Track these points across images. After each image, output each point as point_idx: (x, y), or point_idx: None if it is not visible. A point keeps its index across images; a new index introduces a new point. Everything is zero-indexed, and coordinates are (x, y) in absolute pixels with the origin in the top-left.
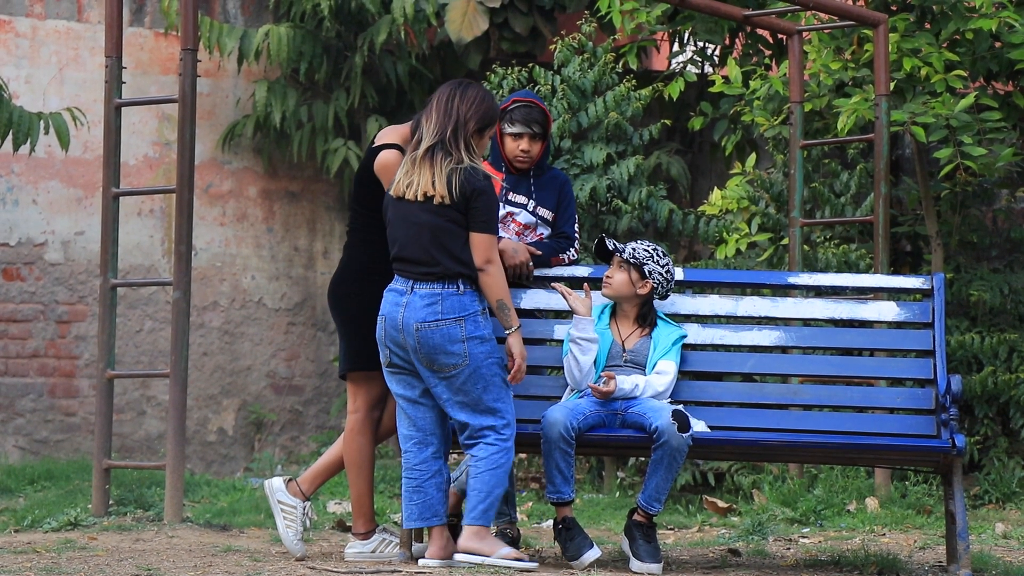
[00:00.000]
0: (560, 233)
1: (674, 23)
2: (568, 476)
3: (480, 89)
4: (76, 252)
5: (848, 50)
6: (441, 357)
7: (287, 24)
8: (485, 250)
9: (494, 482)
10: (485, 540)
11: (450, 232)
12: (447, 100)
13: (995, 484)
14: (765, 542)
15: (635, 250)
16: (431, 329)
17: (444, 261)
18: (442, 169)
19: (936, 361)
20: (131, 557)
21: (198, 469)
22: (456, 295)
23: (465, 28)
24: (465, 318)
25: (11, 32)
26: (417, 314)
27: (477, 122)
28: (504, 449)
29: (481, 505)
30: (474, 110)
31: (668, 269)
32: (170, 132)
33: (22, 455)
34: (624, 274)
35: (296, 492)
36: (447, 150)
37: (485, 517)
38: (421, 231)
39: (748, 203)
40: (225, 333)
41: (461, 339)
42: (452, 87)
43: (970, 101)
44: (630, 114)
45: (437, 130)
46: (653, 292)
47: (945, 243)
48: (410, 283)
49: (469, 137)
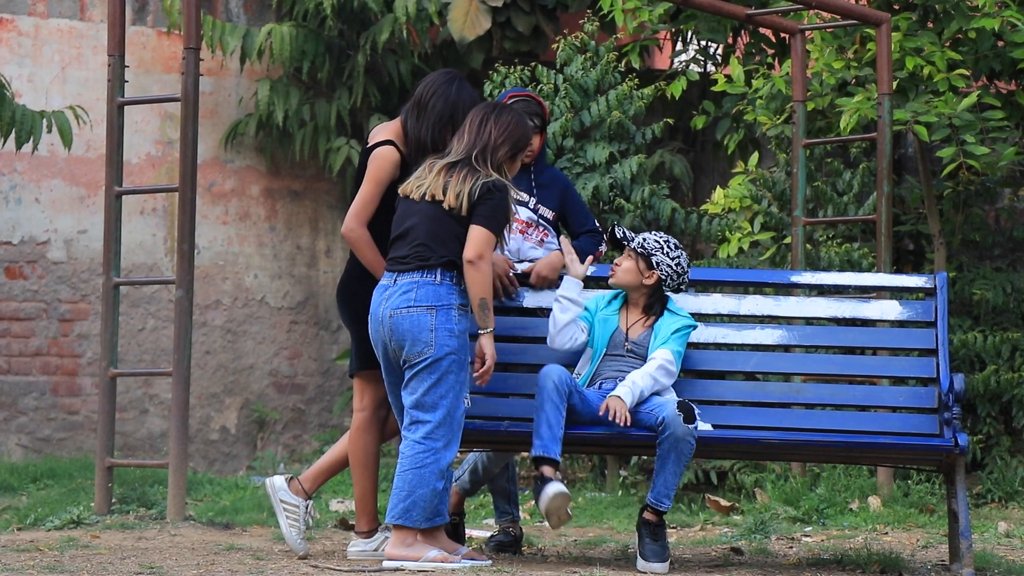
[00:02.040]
0: (589, 230)
1: (676, 22)
2: (556, 435)
3: (514, 114)
4: (79, 250)
5: (851, 49)
6: (408, 344)
7: (290, 23)
8: (479, 244)
9: (416, 482)
10: (411, 547)
11: (447, 226)
12: (480, 123)
13: (998, 483)
14: (768, 541)
15: (645, 240)
16: (402, 315)
17: (431, 245)
18: (463, 181)
19: (939, 360)
20: (134, 555)
21: (201, 467)
22: (432, 284)
23: (467, 27)
24: (437, 308)
25: (14, 31)
26: (393, 302)
27: (511, 147)
28: (431, 449)
29: (401, 504)
30: (507, 135)
31: (679, 262)
32: (173, 131)
33: (25, 453)
34: (631, 263)
35: (298, 491)
36: (473, 167)
37: (405, 516)
38: (421, 220)
39: (751, 202)
40: (227, 332)
41: (430, 328)
42: (487, 109)
43: (973, 100)
44: (632, 113)
45: (466, 150)
46: (661, 283)
47: (948, 242)
48: (394, 276)
49: (500, 161)
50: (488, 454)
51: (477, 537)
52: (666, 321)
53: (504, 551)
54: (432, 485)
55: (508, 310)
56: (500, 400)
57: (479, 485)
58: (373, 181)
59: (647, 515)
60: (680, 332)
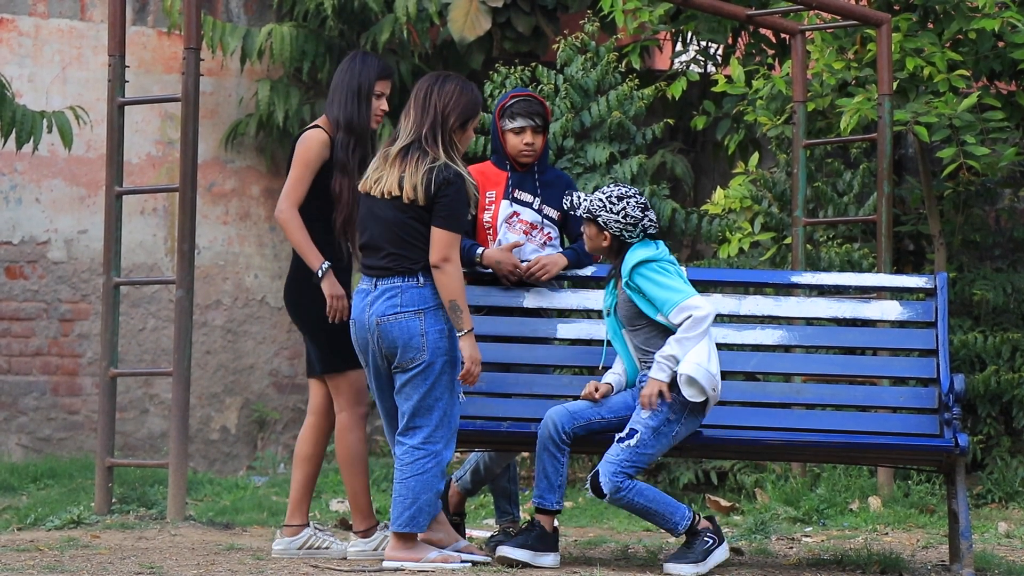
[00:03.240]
0: None
1: (677, 22)
2: (554, 483)
3: (458, 81)
4: (79, 250)
5: (851, 50)
6: (400, 350)
7: (290, 23)
8: (443, 247)
9: (420, 488)
10: (412, 549)
11: (412, 228)
12: (424, 96)
13: (998, 483)
14: (768, 541)
15: (591, 203)
16: (390, 322)
17: (405, 253)
18: (416, 168)
19: (939, 360)
20: (134, 555)
21: (201, 467)
22: (416, 288)
23: (468, 27)
24: (425, 311)
25: (14, 31)
26: (378, 308)
27: (459, 116)
28: (431, 453)
29: (407, 512)
30: (453, 103)
31: (625, 212)
32: (173, 131)
33: (25, 453)
34: (586, 230)
35: (292, 531)
36: (424, 149)
37: (413, 524)
38: (385, 225)
39: (751, 202)
40: (228, 332)
41: (420, 332)
42: (429, 82)
43: (973, 101)
44: (633, 113)
45: (414, 128)
46: (619, 241)
47: (948, 242)
48: (373, 280)
49: (450, 133)
50: (490, 454)
51: (477, 537)
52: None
53: None
54: (435, 488)
55: (509, 310)
56: (501, 400)
57: (480, 485)
58: (302, 162)
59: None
60: (645, 279)
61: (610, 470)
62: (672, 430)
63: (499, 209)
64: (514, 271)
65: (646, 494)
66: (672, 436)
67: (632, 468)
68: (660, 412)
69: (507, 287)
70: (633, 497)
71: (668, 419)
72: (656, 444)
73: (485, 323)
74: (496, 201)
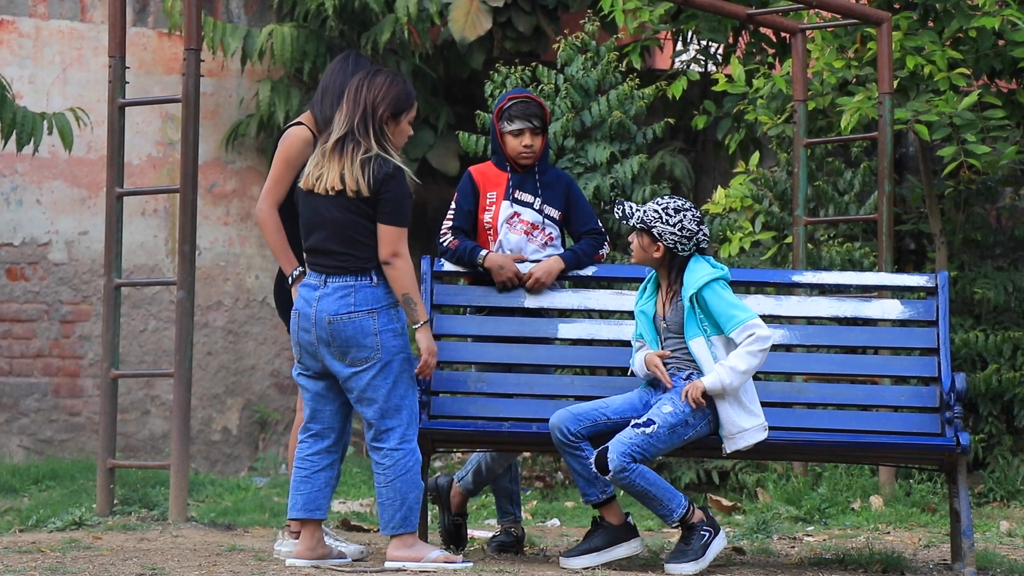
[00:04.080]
0: (590, 231)
1: (677, 22)
2: (589, 477)
3: (389, 74)
4: (80, 252)
5: (851, 48)
6: (354, 350)
7: (290, 24)
8: (391, 243)
9: (407, 488)
10: (413, 548)
11: (361, 227)
12: (355, 90)
13: (999, 482)
14: (769, 540)
15: (645, 213)
16: (344, 321)
17: (356, 254)
18: (353, 160)
19: (940, 359)
20: (135, 556)
21: (202, 468)
22: (369, 287)
23: (468, 27)
24: (378, 310)
25: (15, 32)
26: (330, 306)
27: (388, 106)
28: (409, 451)
29: (399, 513)
30: (383, 95)
31: (682, 224)
32: (174, 132)
33: (26, 455)
34: (638, 241)
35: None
36: (356, 140)
37: (407, 524)
38: (333, 227)
39: (752, 201)
40: (229, 332)
41: (374, 331)
42: (360, 76)
43: (973, 99)
44: (633, 113)
45: (346, 120)
46: (672, 253)
47: (949, 241)
48: (323, 277)
49: (382, 124)
50: (491, 454)
51: (479, 537)
52: (686, 290)
53: (506, 551)
54: (420, 485)
55: (511, 310)
56: (503, 400)
57: (482, 486)
58: (283, 160)
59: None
60: (708, 288)
61: (620, 449)
62: (686, 432)
63: (499, 210)
64: (513, 279)
65: (648, 477)
66: (683, 438)
67: (640, 454)
68: (682, 412)
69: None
70: (636, 478)
71: (687, 421)
72: (668, 440)
73: (487, 323)
74: (497, 202)
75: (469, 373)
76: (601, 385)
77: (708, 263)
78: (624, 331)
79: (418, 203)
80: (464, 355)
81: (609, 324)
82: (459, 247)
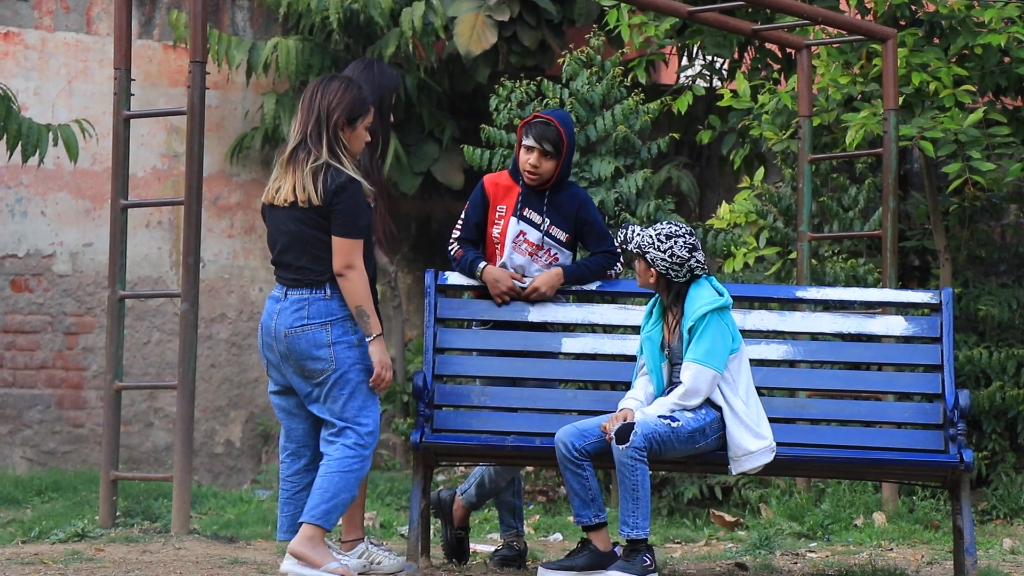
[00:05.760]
0: (604, 250)
1: (683, 37)
2: (585, 499)
3: (343, 80)
4: (84, 263)
5: (857, 65)
6: (308, 362)
7: (295, 37)
8: (344, 255)
9: (342, 485)
10: (317, 548)
11: (316, 239)
12: (309, 97)
13: (1003, 499)
14: (772, 556)
15: (641, 238)
16: (297, 334)
17: (311, 266)
18: (305, 169)
19: (944, 376)
20: (138, 569)
21: (205, 481)
22: (323, 300)
23: (473, 41)
24: (331, 323)
25: (20, 44)
26: (286, 320)
27: (343, 112)
28: (361, 456)
29: (324, 505)
30: (336, 101)
31: (672, 251)
32: (178, 144)
33: (30, 466)
34: (638, 264)
35: (351, 545)
36: (308, 148)
37: (325, 519)
38: (290, 240)
39: (756, 217)
40: (233, 345)
41: (327, 343)
42: (314, 84)
43: (979, 116)
44: (638, 128)
45: (300, 128)
46: (666, 278)
47: (953, 258)
48: (284, 289)
49: (336, 131)
50: (494, 468)
51: (482, 551)
52: (687, 317)
53: (508, 565)
54: (353, 492)
55: (514, 324)
56: (506, 415)
57: (485, 499)
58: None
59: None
60: (705, 322)
61: (647, 430)
62: (699, 442)
63: (507, 227)
64: (508, 293)
65: (640, 479)
66: (696, 446)
67: (658, 444)
68: (703, 421)
69: (510, 301)
70: (638, 467)
71: (705, 431)
72: (683, 443)
73: (490, 337)
74: (506, 217)
75: (472, 387)
76: (604, 399)
77: (710, 287)
78: (628, 346)
79: (423, 216)
80: (468, 369)
81: (613, 338)
82: (462, 258)
